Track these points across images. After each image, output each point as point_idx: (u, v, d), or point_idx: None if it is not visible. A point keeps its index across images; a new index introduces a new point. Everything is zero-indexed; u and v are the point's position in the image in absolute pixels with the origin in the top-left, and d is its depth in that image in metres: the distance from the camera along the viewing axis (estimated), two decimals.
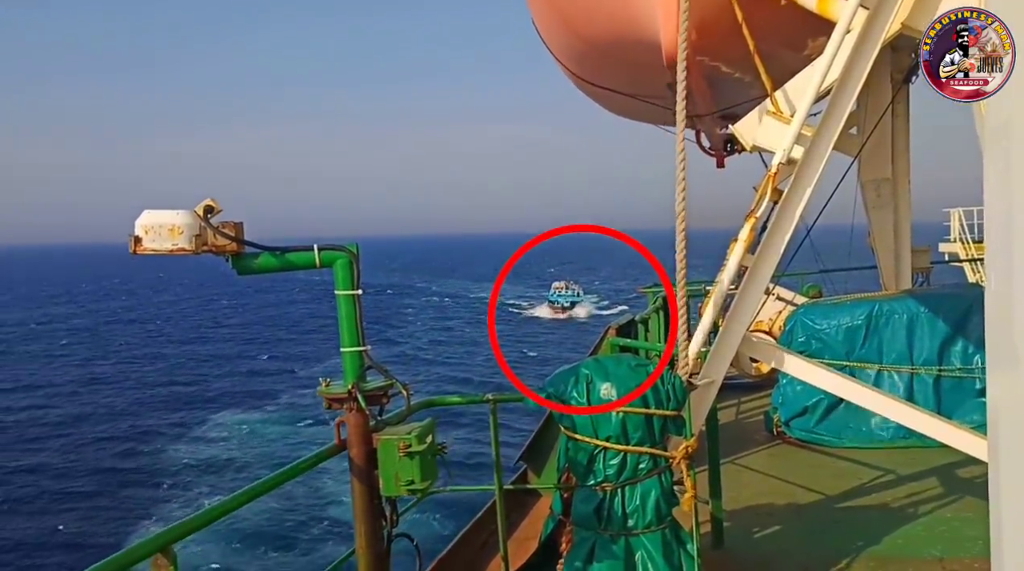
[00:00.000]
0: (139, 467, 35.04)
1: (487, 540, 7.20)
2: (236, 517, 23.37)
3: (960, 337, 9.69)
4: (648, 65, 7.45)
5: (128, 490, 31.98)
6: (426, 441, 4.70)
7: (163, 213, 4.15)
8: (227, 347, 71.74)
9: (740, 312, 6.06)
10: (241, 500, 3.93)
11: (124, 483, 32.92)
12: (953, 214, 25.14)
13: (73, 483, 33.20)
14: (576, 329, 77.17)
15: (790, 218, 5.91)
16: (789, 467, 9.07)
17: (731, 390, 12.55)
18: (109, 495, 31.57)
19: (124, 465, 35.51)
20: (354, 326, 4.69)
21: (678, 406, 5.60)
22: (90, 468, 35.23)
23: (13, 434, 41.41)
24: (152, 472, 34.15)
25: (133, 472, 34.42)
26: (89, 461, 36.25)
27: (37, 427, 42.98)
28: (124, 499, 30.98)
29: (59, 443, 39.49)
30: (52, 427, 42.84)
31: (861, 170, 11.56)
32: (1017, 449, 3.35)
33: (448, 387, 48.02)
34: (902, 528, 7.15)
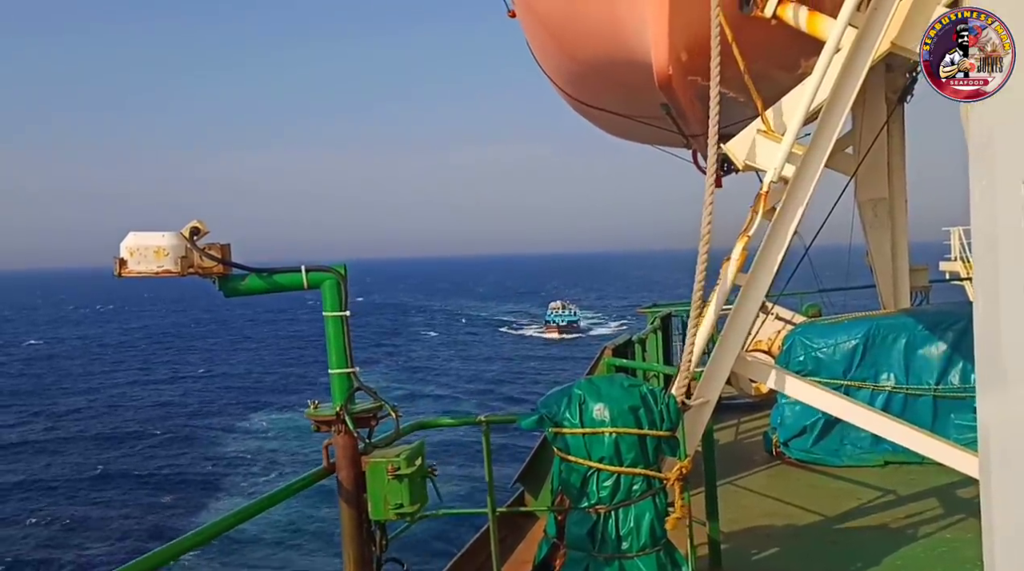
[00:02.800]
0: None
1: (482, 564, 7.12)
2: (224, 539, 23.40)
3: (958, 356, 9.64)
4: (641, 86, 7.46)
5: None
6: (415, 464, 4.66)
7: (149, 235, 4.14)
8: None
9: (734, 331, 6.02)
10: (228, 523, 3.89)
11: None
12: (953, 233, 25.12)
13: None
14: (574, 348, 77.40)
15: (783, 236, 5.89)
16: (788, 488, 9.00)
17: (730, 410, 12.49)
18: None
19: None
20: (342, 347, 4.67)
21: (672, 427, 5.55)
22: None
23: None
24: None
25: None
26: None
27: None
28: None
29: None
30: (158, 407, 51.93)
31: (858, 190, 11.59)
32: (1007, 467, 3.31)
33: (446, 405, 48.33)
34: (901, 549, 7.07)
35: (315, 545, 26.38)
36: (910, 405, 9.66)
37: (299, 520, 28.10)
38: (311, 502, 28.32)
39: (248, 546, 26.33)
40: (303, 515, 28.29)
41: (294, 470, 32.32)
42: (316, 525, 27.55)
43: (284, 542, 26.90)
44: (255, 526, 26.20)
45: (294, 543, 26.83)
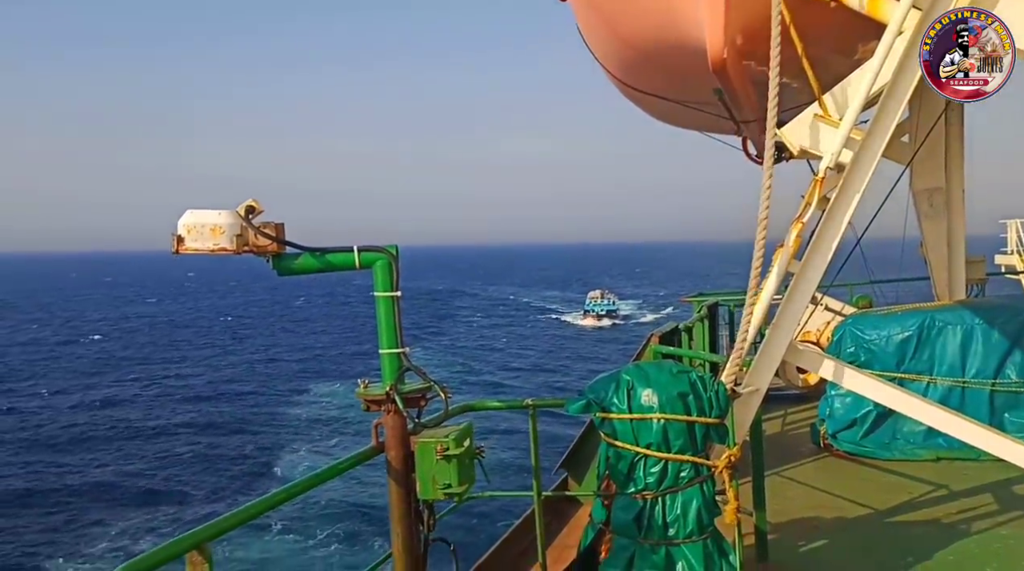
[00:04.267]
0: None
1: (526, 548, 7.14)
2: (272, 515, 24.03)
3: (1017, 349, 9.41)
4: (693, 70, 7.36)
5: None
6: (463, 444, 4.67)
7: (205, 213, 4.19)
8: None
9: (785, 320, 5.95)
10: (279, 498, 3.94)
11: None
12: (1010, 225, 24.54)
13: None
14: (618, 333, 77.75)
15: (837, 224, 5.78)
16: (836, 480, 8.87)
17: (778, 401, 12.34)
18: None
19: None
20: (393, 328, 4.69)
21: (721, 414, 5.49)
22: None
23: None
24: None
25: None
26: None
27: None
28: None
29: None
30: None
31: (913, 179, 11.32)
32: None
33: (492, 390, 49.17)
34: (954, 544, 6.92)
35: (363, 523, 26.76)
36: (966, 399, 9.45)
37: (349, 498, 28.55)
38: (361, 481, 28.88)
39: (297, 522, 26.81)
40: (353, 493, 28.75)
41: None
42: (365, 504, 27.96)
43: (333, 520, 27.32)
44: (303, 504, 26.76)
45: (343, 521, 27.24)
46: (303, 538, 26.01)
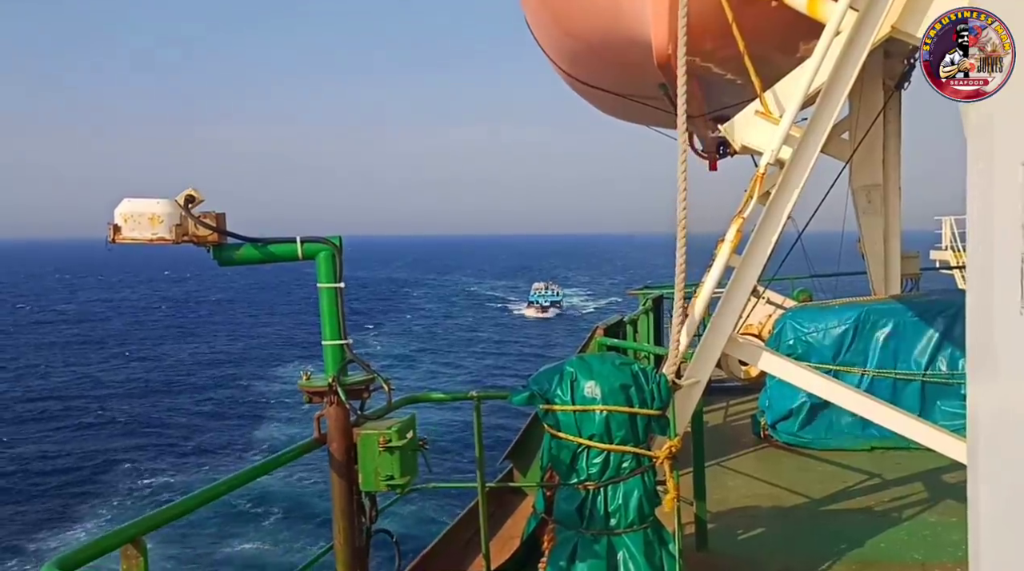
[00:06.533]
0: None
1: (471, 538, 7.16)
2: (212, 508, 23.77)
3: (947, 342, 9.71)
4: (639, 65, 7.43)
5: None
6: (406, 436, 4.66)
7: (143, 201, 4.10)
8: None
9: (726, 312, 6.04)
10: (219, 491, 3.88)
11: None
12: (945, 222, 25.18)
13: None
14: (563, 326, 78.18)
15: (777, 219, 5.89)
16: (775, 470, 9.07)
17: (720, 393, 12.55)
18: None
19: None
20: (336, 319, 4.66)
21: (662, 405, 5.58)
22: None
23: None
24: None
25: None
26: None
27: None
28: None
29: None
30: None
31: (852, 176, 11.60)
32: (994, 452, 3.34)
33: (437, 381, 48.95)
34: (885, 532, 7.15)
35: (304, 515, 26.53)
36: (898, 390, 9.73)
37: (289, 490, 28.28)
38: (301, 473, 28.59)
39: (238, 515, 26.45)
40: (293, 485, 28.49)
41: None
42: (306, 496, 27.72)
43: (274, 512, 27.04)
44: (244, 495, 26.42)
45: (284, 513, 26.97)
46: (243, 532, 25.65)
